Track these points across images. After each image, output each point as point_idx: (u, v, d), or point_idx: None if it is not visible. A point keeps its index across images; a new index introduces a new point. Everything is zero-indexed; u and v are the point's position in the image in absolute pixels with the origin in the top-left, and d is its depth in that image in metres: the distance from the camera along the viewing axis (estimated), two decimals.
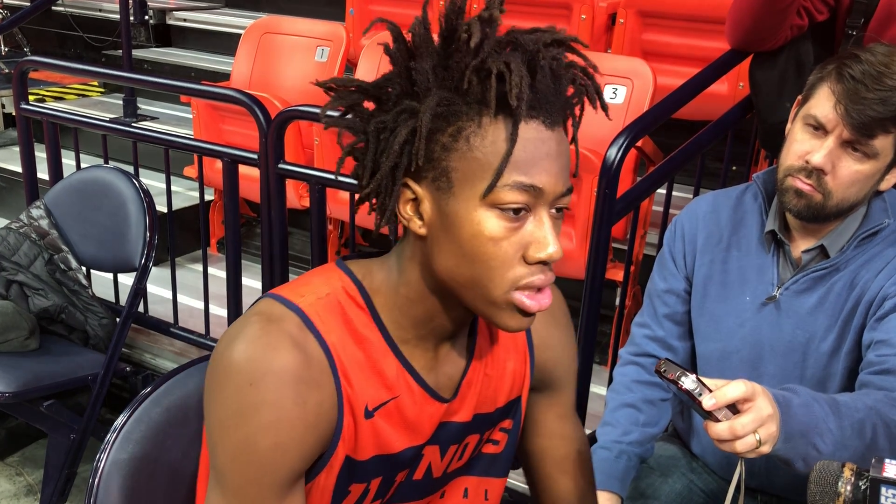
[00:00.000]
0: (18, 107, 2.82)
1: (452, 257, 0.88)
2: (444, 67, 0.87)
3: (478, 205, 0.86)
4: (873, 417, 1.16)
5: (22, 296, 2.42)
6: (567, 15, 3.15)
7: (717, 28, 2.51)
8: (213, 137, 3.12)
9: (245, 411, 0.87)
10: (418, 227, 0.90)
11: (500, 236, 0.86)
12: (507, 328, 0.91)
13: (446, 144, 0.86)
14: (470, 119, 0.85)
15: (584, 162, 2.35)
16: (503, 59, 0.84)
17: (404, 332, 0.96)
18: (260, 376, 0.87)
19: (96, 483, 1.08)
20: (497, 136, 0.85)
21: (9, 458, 2.79)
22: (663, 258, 1.57)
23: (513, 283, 0.88)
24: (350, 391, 0.93)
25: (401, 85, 0.89)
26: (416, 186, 0.89)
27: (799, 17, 1.87)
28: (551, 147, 0.86)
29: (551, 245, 0.87)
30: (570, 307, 2.87)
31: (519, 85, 0.82)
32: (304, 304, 0.92)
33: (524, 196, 0.85)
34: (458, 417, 1.03)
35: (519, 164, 0.85)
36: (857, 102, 1.26)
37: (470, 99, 0.85)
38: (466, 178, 0.86)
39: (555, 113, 0.87)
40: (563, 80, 0.88)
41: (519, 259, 0.88)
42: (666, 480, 1.58)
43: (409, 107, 0.87)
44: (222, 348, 0.90)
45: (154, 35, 4.82)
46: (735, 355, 1.47)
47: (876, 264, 1.37)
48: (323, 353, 0.91)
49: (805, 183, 1.33)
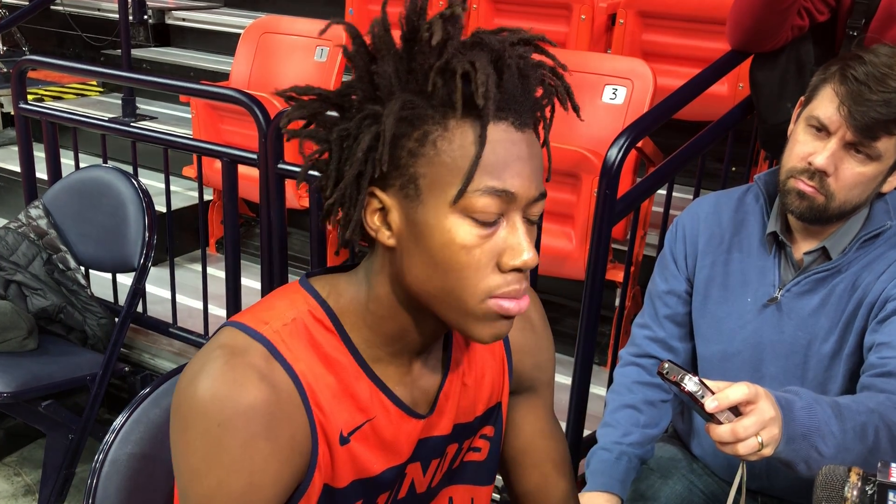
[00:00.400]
0: (17, 106, 2.81)
1: (424, 268, 0.85)
2: (408, 70, 0.83)
3: (448, 212, 0.82)
4: (875, 420, 1.15)
5: (20, 295, 2.42)
6: (567, 15, 3.15)
7: (718, 29, 2.51)
8: (212, 137, 3.11)
9: (215, 454, 0.83)
10: (387, 237, 0.86)
11: (473, 244, 0.83)
12: (482, 340, 0.88)
13: (412, 150, 0.82)
14: (436, 122, 0.82)
15: (585, 162, 2.35)
16: (468, 58, 0.80)
17: (376, 351, 0.92)
18: (228, 416, 0.83)
19: (95, 483, 1.07)
20: (465, 139, 0.81)
21: (7, 459, 2.79)
22: (664, 259, 1.57)
23: (487, 292, 0.84)
24: (323, 419, 0.89)
25: (363, 90, 0.85)
26: (383, 195, 0.85)
27: (800, 17, 1.87)
28: (522, 149, 0.83)
29: (526, 251, 0.83)
30: (570, 308, 2.88)
31: (485, 84, 0.79)
32: (268, 332, 0.88)
33: (496, 201, 0.82)
34: (438, 431, 1.00)
35: (489, 167, 0.81)
36: (860, 104, 1.26)
37: (435, 101, 0.82)
38: (435, 185, 0.82)
39: (524, 114, 0.84)
40: (531, 80, 0.85)
41: (493, 267, 0.84)
42: (666, 482, 1.58)
43: (371, 112, 0.84)
44: (185, 385, 0.86)
45: (153, 35, 4.81)
46: (736, 357, 1.47)
47: (878, 266, 1.36)
48: (292, 382, 0.87)
49: (807, 185, 1.33)
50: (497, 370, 1.05)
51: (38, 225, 2.50)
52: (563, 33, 3.18)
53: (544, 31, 2.95)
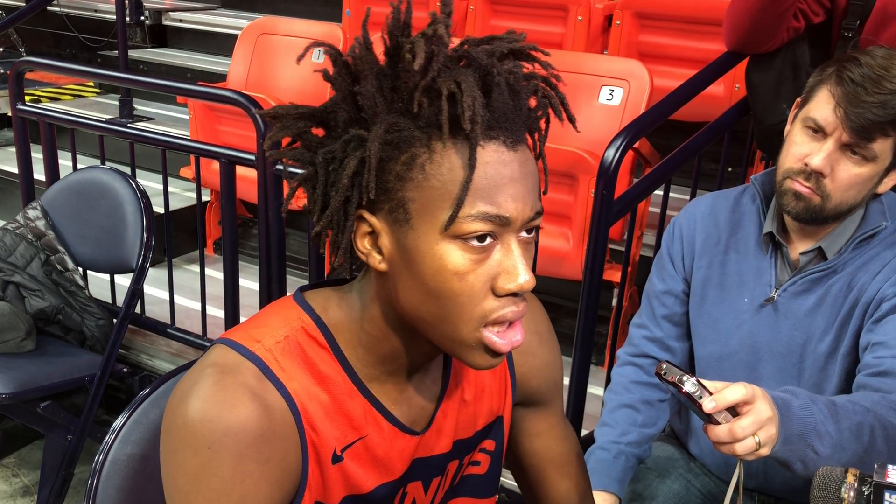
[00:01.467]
0: (14, 107, 2.81)
1: (416, 294, 0.82)
2: (392, 89, 0.80)
3: (439, 238, 0.79)
4: (871, 420, 1.16)
5: (18, 297, 2.42)
6: (563, 16, 3.16)
7: (714, 30, 2.52)
8: (209, 138, 3.11)
9: (205, 476, 0.81)
10: (378, 262, 0.84)
11: (466, 270, 0.80)
12: (476, 366, 0.85)
13: (400, 174, 0.79)
14: (423, 145, 0.79)
15: (582, 163, 2.36)
16: (453, 77, 0.77)
17: (371, 369, 0.90)
18: (218, 438, 0.80)
19: (95, 483, 1.07)
20: (454, 162, 0.78)
21: (5, 460, 2.79)
22: (661, 259, 1.57)
23: (482, 318, 0.82)
24: (316, 438, 0.87)
25: (347, 111, 0.82)
26: (373, 219, 0.82)
27: (795, 19, 1.88)
28: (514, 170, 0.80)
29: (522, 274, 0.80)
30: (567, 308, 2.88)
31: (472, 107, 0.76)
32: (260, 350, 0.86)
33: (489, 226, 0.79)
34: (439, 449, 0.98)
35: (481, 191, 0.78)
36: (856, 106, 1.26)
37: (422, 123, 0.79)
38: (425, 210, 0.79)
39: (516, 131, 0.81)
40: (523, 95, 0.82)
41: (487, 292, 0.81)
42: (664, 481, 1.58)
43: (356, 135, 0.81)
44: (175, 405, 0.84)
45: (150, 36, 4.80)
46: (733, 357, 1.47)
47: (873, 266, 1.37)
48: (284, 402, 0.85)
49: (804, 185, 1.34)
50: (498, 385, 1.04)
51: (36, 226, 2.50)
52: (560, 34, 3.18)
53: (541, 32, 2.97)
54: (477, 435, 1.03)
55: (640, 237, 2.59)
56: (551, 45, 3.15)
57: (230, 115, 3.06)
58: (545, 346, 1.08)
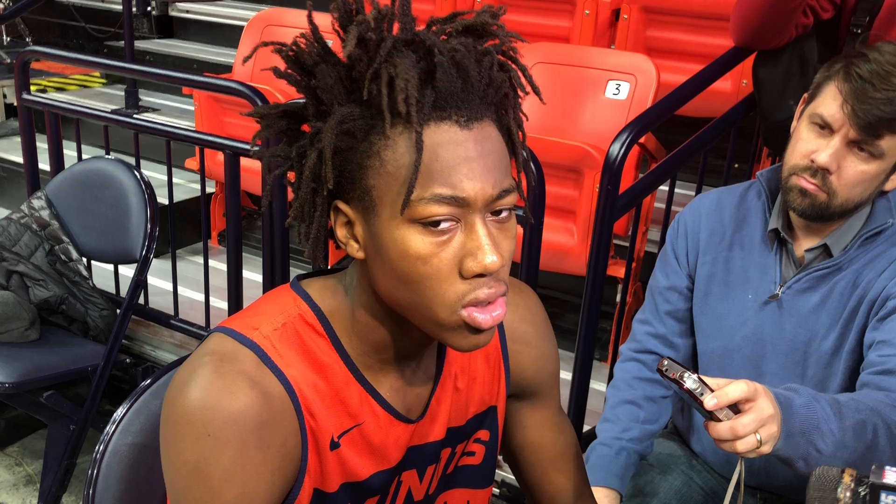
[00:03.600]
0: (20, 97, 2.82)
1: (389, 280, 0.83)
2: (350, 78, 0.80)
3: (398, 223, 0.79)
4: (874, 418, 1.15)
5: (22, 286, 2.42)
6: (570, 10, 3.15)
7: (721, 25, 2.51)
8: (214, 129, 3.11)
9: (206, 464, 0.81)
10: (356, 250, 0.85)
11: (429, 253, 0.79)
12: (460, 348, 0.85)
13: (360, 162, 0.80)
14: (378, 132, 0.79)
15: (587, 158, 2.35)
16: (393, 62, 0.77)
17: (366, 358, 0.91)
18: (218, 425, 0.81)
19: (96, 473, 1.08)
20: (404, 147, 0.78)
21: (8, 449, 2.80)
22: (665, 255, 1.57)
23: (456, 301, 0.81)
24: (314, 424, 0.88)
25: (312, 105, 0.83)
26: (347, 208, 0.83)
27: (804, 15, 1.87)
28: (469, 149, 0.78)
29: (487, 255, 0.79)
30: (571, 303, 2.87)
31: (405, 89, 0.76)
32: (258, 337, 0.86)
33: (446, 208, 0.78)
34: (433, 437, 0.98)
35: (434, 173, 0.77)
36: (864, 102, 1.26)
37: (374, 111, 0.79)
38: (384, 196, 0.80)
39: (470, 108, 0.79)
40: (472, 71, 0.79)
41: (455, 274, 0.80)
42: (665, 478, 1.58)
43: (317, 128, 0.82)
44: (174, 394, 0.84)
45: (156, 26, 4.81)
46: (736, 353, 1.47)
47: (879, 264, 1.36)
48: (283, 389, 0.85)
49: (810, 182, 1.33)
50: (491, 374, 1.04)
51: (41, 216, 2.50)
52: (567, 28, 3.17)
53: (548, 26, 2.96)
54: (469, 423, 1.03)
55: (645, 233, 2.58)
56: (558, 39, 3.14)
57: (235, 107, 3.06)
58: (541, 338, 1.07)
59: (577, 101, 2.65)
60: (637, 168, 2.55)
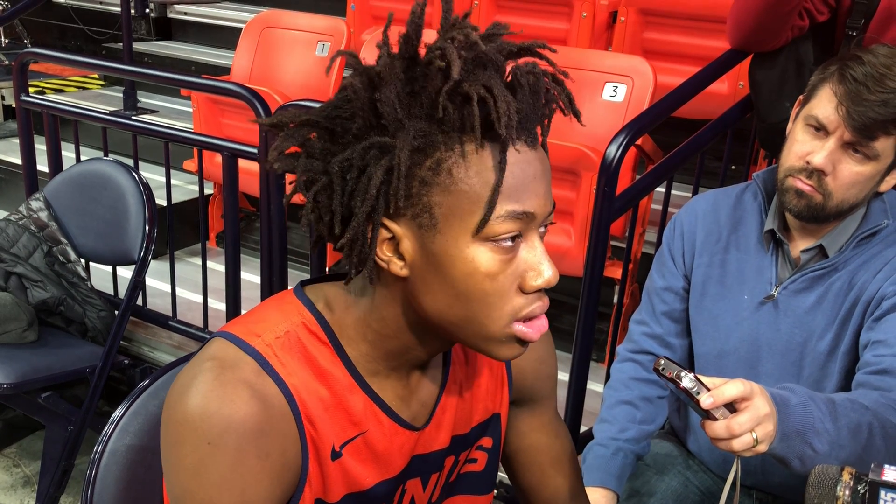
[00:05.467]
0: (18, 98, 2.82)
1: (444, 297, 0.82)
2: (410, 94, 0.79)
3: (469, 241, 0.80)
4: (869, 418, 1.16)
5: (21, 287, 2.42)
6: (568, 13, 3.16)
7: (718, 27, 2.51)
8: (213, 131, 3.11)
9: (204, 471, 0.81)
10: (399, 268, 0.83)
11: (497, 270, 0.81)
12: (503, 358, 0.87)
13: (425, 179, 0.79)
14: (449, 149, 0.78)
15: (584, 159, 2.35)
16: (482, 81, 0.77)
17: (374, 365, 0.90)
18: (218, 434, 0.81)
19: (94, 474, 1.08)
20: (482, 165, 0.78)
21: (6, 450, 2.80)
22: (662, 256, 1.57)
23: (511, 315, 0.83)
24: (315, 434, 0.87)
25: (363, 117, 0.80)
26: (393, 225, 0.82)
27: (800, 18, 1.88)
28: (537, 168, 0.81)
29: (547, 270, 0.82)
30: (568, 304, 2.87)
31: (507, 112, 0.76)
32: (260, 345, 0.86)
33: (516, 224, 0.80)
34: (437, 445, 0.98)
35: (509, 191, 0.79)
36: (858, 104, 1.26)
37: (447, 127, 0.78)
38: (453, 214, 0.79)
39: (534, 130, 0.82)
40: (541, 95, 0.82)
41: (516, 290, 0.82)
42: (662, 478, 1.58)
43: (378, 143, 0.79)
44: (175, 399, 0.83)
45: (155, 28, 4.81)
46: (732, 354, 1.47)
47: (874, 265, 1.37)
48: (284, 398, 0.85)
49: (805, 183, 1.34)
50: (495, 382, 1.04)
51: (39, 217, 2.51)
52: (564, 30, 3.18)
53: (545, 28, 2.97)
54: (473, 431, 1.03)
55: (642, 234, 2.59)
56: (556, 42, 3.14)
57: (233, 109, 3.06)
58: (540, 343, 1.08)
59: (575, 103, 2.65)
60: (634, 170, 2.56)
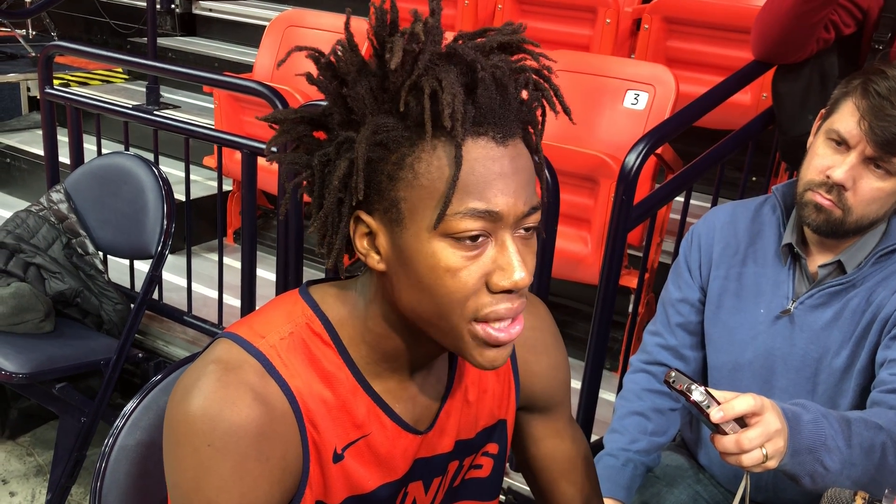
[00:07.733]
0: (43, 91, 2.84)
1: (413, 292, 0.82)
2: (382, 88, 0.80)
3: (430, 236, 0.79)
4: (883, 437, 1.15)
5: (39, 278, 2.44)
6: (592, 18, 3.15)
7: (742, 37, 2.50)
8: (233, 128, 3.13)
9: (205, 473, 0.82)
10: (376, 262, 0.84)
11: (458, 266, 0.80)
12: (478, 365, 0.85)
13: (391, 174, 0.80)
14: (412, 144, 0.79)
15: (603, 167, 2.35)
16: (436, 75, 0.77)
17: (376, 367, 0.90)
18: (219, 436, 0.81)
19: (104, 467, 1.09)
20: (441, 160, 0.78)
21: (20, 438, 2.82)
22: (678, 267, 1.56)
23: (474, 313, 0.81)
24: (317, 437, 0.88)
25: (339, 113, 0.83)
26: (370, 219, 0.83)
27: (826, 30, 1.86)
28: (504, 165, 0.79)
29: (517, 271, 0.80)
30: (583, 312, 2.86)
31: (451, 104, 0.76)
32: (264, 346, 0.86)
33: (480, 223, 0.79)
34: (441, 449, 0.98)
35: (470, 188, 0.78)
36: (881, 119, 1.25)
37: (409, 122, 0.79)
38: (416, 209, 0.79)
39: (506, 126, 0.80)
40: (510, 89, 0.80)
41: (482, 288, 0.81)
42: (672, 490, 1.57)
43: (346, 137, 0.81)
44: (178, 400, 0.84)
45: (179, 24, 4.85)
46: (747, 368, 1.46)
47: (893, 282, 1.35)
48: (286, 400, 0.85)
49: (825, 198, 1.32)
50: (502, 388, 1.03)
51: (59, 209, 2.53)
52: (588, 36, 3.17)
53: (568, 34, 2.96)
54: (479, 436, 1.02)
55: (660, 244, 2.58)
56: (578, 47, 3.14)
57: (255, 106, 3.07)
58: (551, 350, 1.07)
59: (595, 110, 2.65)
60: (653, 178, 2.55)
